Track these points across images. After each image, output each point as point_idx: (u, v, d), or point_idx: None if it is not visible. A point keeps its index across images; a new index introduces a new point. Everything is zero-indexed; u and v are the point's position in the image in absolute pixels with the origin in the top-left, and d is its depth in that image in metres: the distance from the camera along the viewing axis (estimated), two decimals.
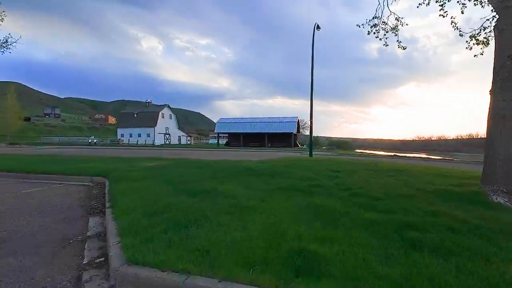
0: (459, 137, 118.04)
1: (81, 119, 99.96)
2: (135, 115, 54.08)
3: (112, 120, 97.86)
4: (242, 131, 45.51)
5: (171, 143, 54.00)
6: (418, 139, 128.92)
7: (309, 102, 15.54)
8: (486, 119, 4.99)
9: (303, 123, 61.62)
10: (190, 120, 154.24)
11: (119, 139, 46.58)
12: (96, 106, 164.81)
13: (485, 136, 5.04)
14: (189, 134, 71.95)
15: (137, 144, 46.59)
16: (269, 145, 43.70)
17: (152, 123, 51.82)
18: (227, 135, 52.74)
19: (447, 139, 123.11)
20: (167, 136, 55.50)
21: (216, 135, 50.91)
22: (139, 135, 52.26)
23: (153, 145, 46.67)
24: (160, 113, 53.50)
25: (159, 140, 52.37)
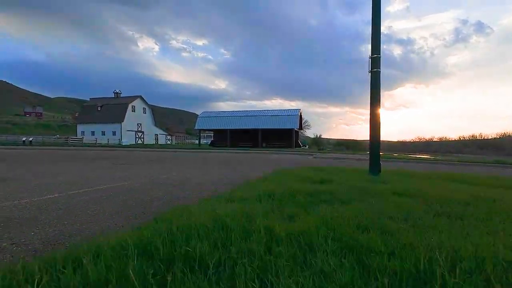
0: (461, 138, 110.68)
1: (64, 118, 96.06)
2: (99, 108, 43.95)
3: None
4: (230, 128, 36.20)
5: (144, 143, 44.23)
6: (418, 140, 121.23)
7: (305, 104, 6.45)
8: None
9: (304, 121, 52.72)
10: (184, 121, 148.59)
11: (67, 138, 36.36)
12: None
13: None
14: (172, 133, 62.27)
15: (95, 143, 36.54)
16: (264, 144, 34.69)
17: (119, 118, 41.80)
18: (212, 133, 43.49)
19: (449, 140, 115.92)
20: (140, 134, 45.62)
21: (199, 132, 41.41)
22: (103, 133, 42.21)
23: (119, 145, 36.86)
24: (130, 106, 43.44)
25: (129, 139, 42.48)
